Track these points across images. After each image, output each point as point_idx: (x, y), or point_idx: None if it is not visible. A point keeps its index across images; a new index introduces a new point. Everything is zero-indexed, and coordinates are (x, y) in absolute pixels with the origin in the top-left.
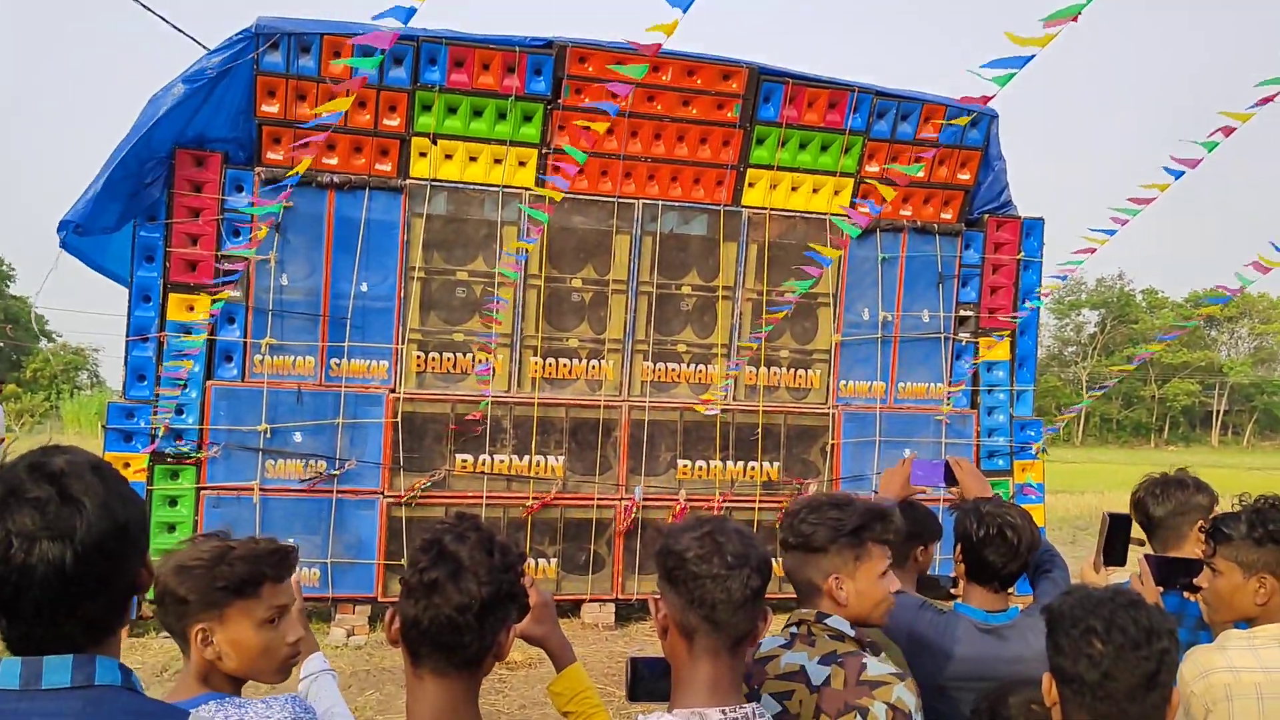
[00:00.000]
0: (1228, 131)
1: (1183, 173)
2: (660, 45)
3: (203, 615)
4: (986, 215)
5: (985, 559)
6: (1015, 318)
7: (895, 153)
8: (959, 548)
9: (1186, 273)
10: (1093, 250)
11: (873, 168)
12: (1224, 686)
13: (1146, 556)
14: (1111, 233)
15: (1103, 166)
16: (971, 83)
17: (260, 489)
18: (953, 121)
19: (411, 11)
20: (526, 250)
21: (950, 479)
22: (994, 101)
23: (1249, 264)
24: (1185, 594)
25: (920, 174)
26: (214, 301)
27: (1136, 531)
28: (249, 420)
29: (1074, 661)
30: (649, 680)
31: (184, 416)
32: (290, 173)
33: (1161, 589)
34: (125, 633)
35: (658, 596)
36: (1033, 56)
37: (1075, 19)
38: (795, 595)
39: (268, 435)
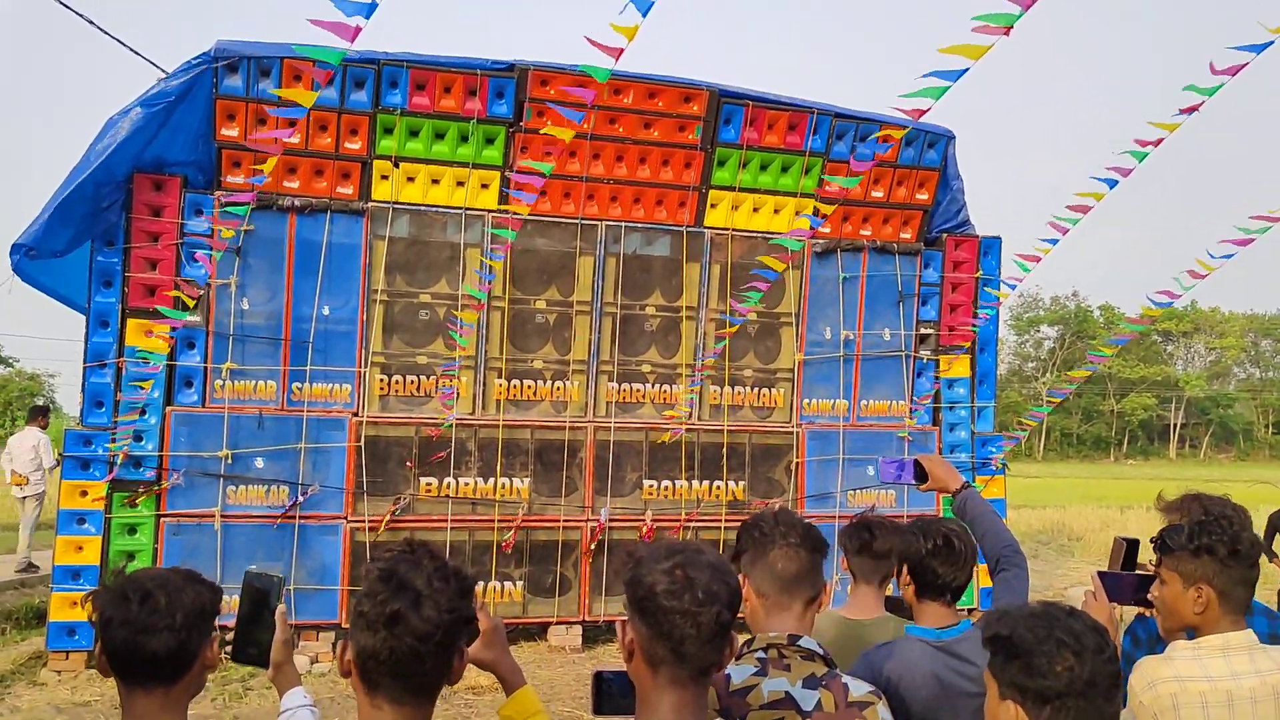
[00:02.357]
0: (1157, 142)
1: (1116, 182)
2: (623, 50)
3: None
4: (945, 234)
5: (935, 571)
6: (973, 325)
7: (855, 172)
8: (905, 568)
9: (1142, 290)
10: (1038, 259)
11: (833, 188)
12: (1170, 696)
13: (1100, 573)
14: (1054, 241)
15: (1060, 183)
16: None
17: (221, 515)
18: (888, 137)
19: (373, 6)
20: (493, 269)
21: (921, 475)
22: (949, 122)
23: (1187, 270)
24: (1141, 609)
25: (856, 188)
26: (175, 303)
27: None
28: (209, 446)
29: (1053, 679)
30: (615, 697)
31: (143, 443)
32: (258, 168)
33: (1118, 604)
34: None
35: (625, 620)
36: (966, 70)
37: (1007, 31)
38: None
39: (229, 461)
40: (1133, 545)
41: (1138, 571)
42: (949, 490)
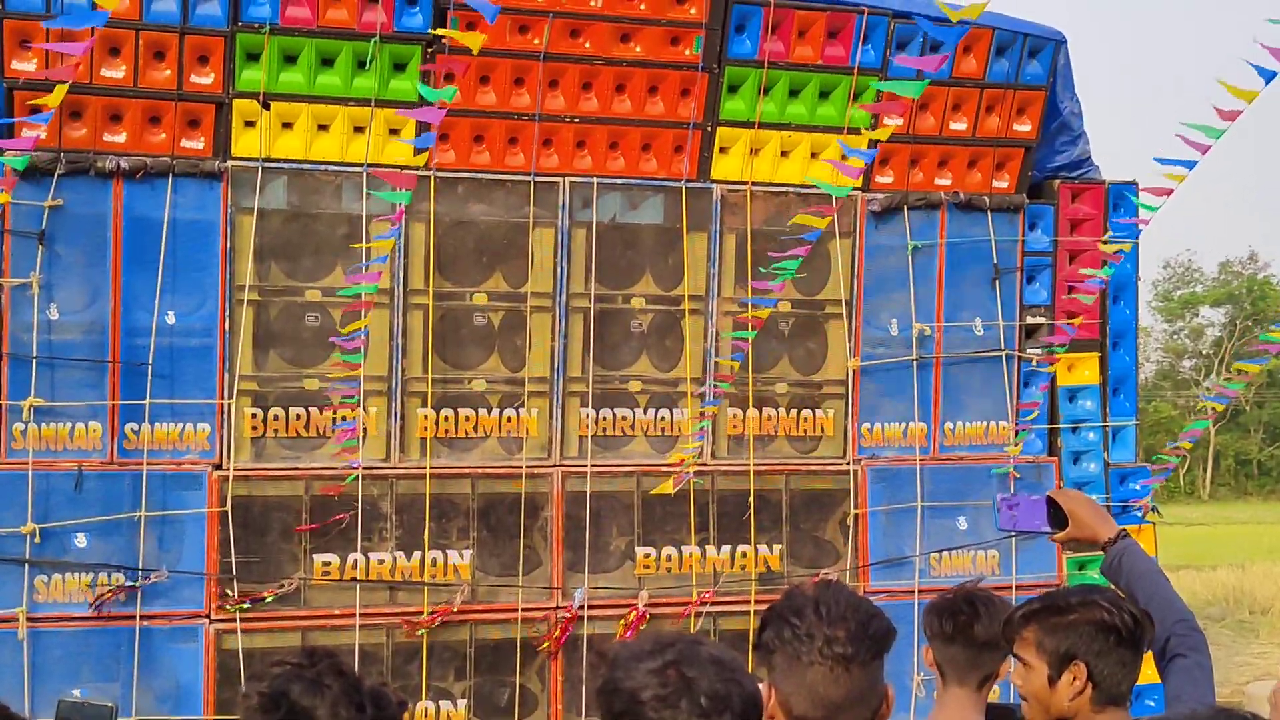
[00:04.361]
0: None
1: (1274, 74)
2: None
3: None
4: (1057, 181)
5: (1124, 668)
6: (1090, 293)
7: (925, 96)
8: (1075, 665)
9: None
10: (1169, 191)
11: (895, 120)
12: None
13: None
14: (1190, 165)
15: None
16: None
17: (28, 619)
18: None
19: None
20: (378, 250)
21: (1057, 519)
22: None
23: None
24: None
25: (919, 96)
26: None
27: None
28: (7, 519)
29: None
30: None
31: None
32: (35, 103)
33: None
34: None
35: None
36: None
37: None
38: None
39: (36, 540)
40: None
41: None
42: (1098, 540)
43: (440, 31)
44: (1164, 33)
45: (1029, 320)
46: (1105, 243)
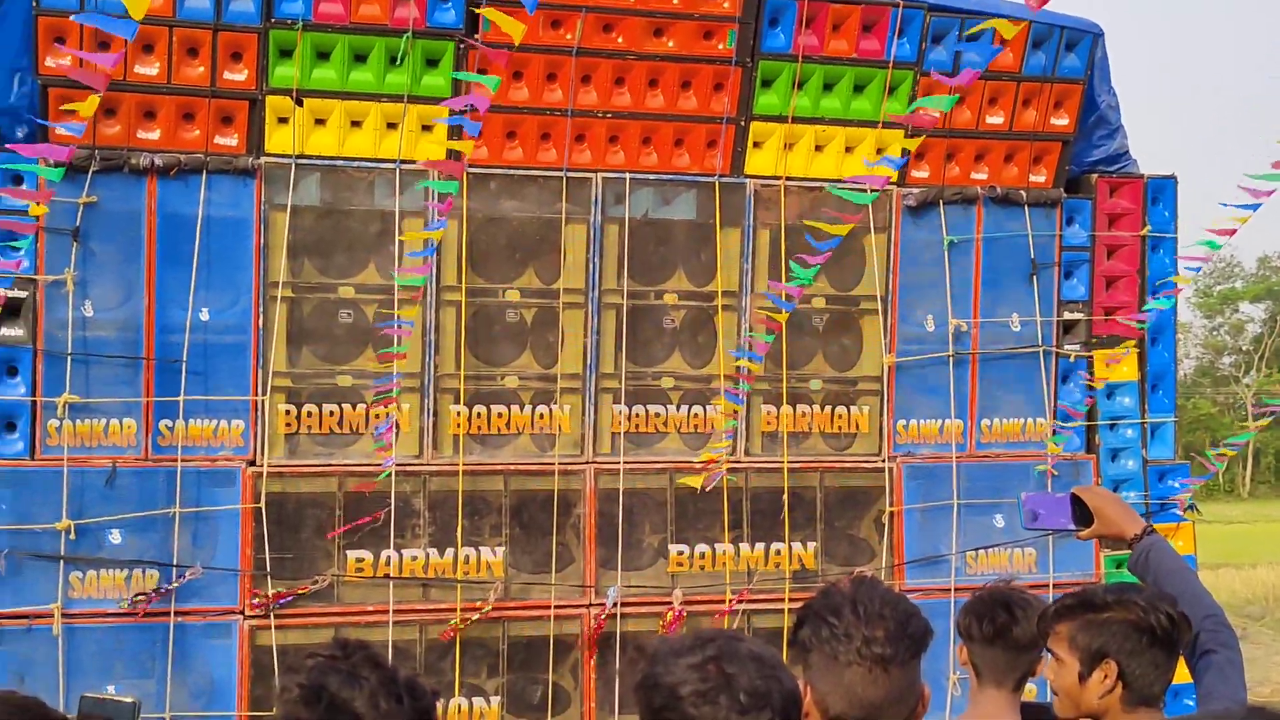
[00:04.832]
0: None
1: None
2: None
3: None
4: (1095, 175)
5: (1158, 669)
6: (1139, 321)
7: (962, 91)
8: (1105, 664)
9: None
10: (1232, 231)
11: (931, 114)
12: None
13: None
14: (1253, 208)
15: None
16: None
17: (63, 614)
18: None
19: None
20: (434, 241)
21: (1082, 517)
22: (1095, 13)
23: None
24: None
25: (962, 111)
26: None
27: None
28: (42, 516)
29: None
30: None
31: None
32: (68, 109)
33: None
34: None
35: None
36: None
37: None
38: None
39: (71, 536)
40: None
41: None
42: (1124, 537)
43: (483, 11)
44: (1201, 30)
45: (1066, 316)
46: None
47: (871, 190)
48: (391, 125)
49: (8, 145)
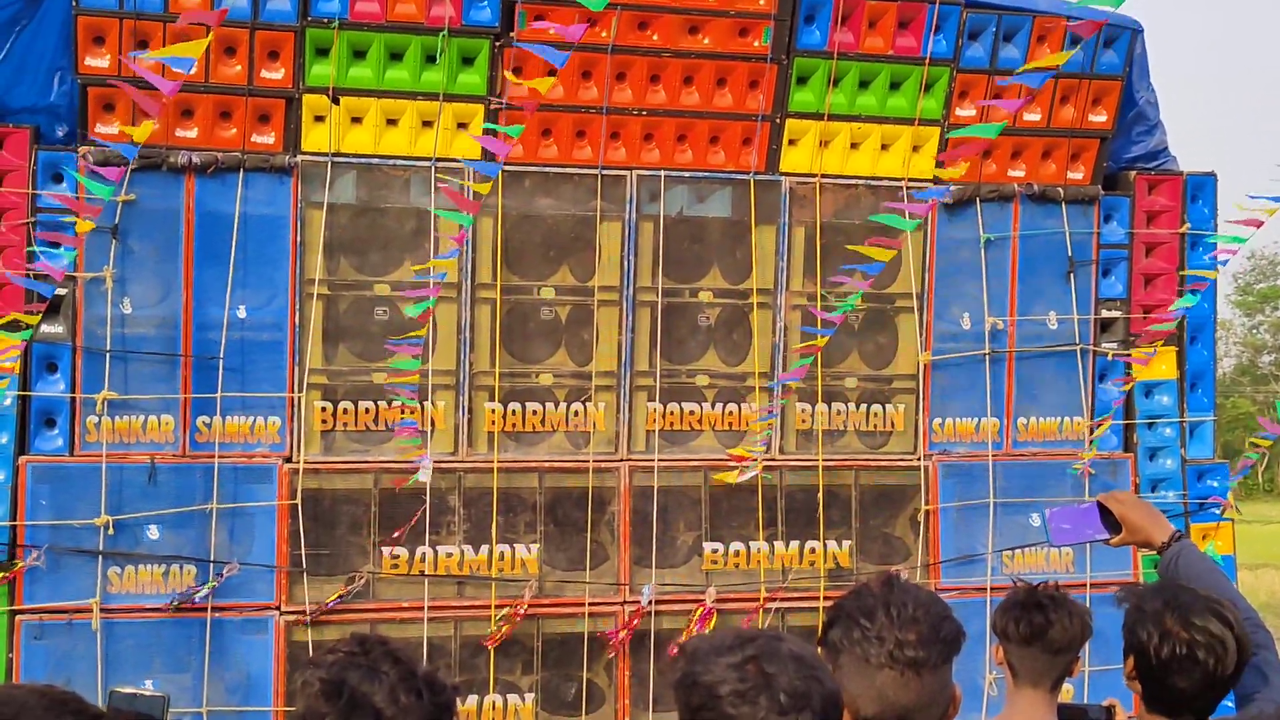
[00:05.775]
0: None
1: None
2: None
3: None
4: (1133, 172)
5: (1169, 685)
6: (1166, 320)
7: (997, 89)
8: (1132, 662)
9: None
10: (1259, 223)
11: (966, 110)
12: None
13: None
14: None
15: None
16: None
17: (101, 609)
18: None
19: None
20: (456, 243)
21: (1111, 524)
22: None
23: None
24: None
25: (998, 135)
26: (25, 329)
27: None
28: (82, 511)
29: None
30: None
31: None
32: (125, 130)
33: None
34: None
35: None
36: None
37: None
38: None
39: (110, 532)
40: None
41: None
42: (1153, 544)
43: (508, 73)
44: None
45: (1104, 314)
46: (1196, 263)
47: (912, 217)
48: (427, 123)
49: (47, 144)
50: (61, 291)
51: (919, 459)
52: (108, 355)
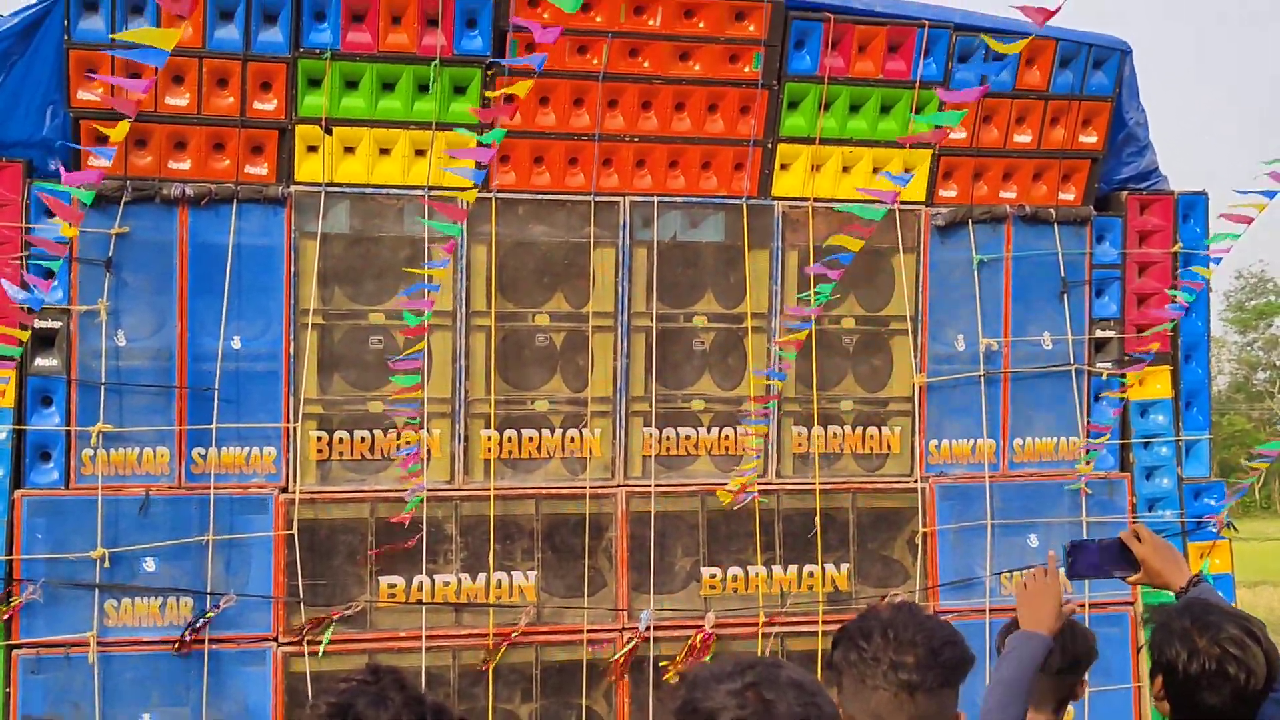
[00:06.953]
0: None
1: None
2: None
3: None
4: (1125, 192)
5: (1199, 702)
6: (1165, 321)
7: (988, 110)
8: (1160, 681)
9: None
10: (1249, 220)
11: (959, 133)
12: None
13: None
14: (1271, 194)
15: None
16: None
17: (99, 643)
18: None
19: None
20: (434, 278)
21: (1128, 561)
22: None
23: None
24: None
25: (991, 130)
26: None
27: None
28: (78, 544)
29: None
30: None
31: None
32: (103, 130)
33: None
34: None
35: None
36: None
37: None
38: None
39: (106, 565)
40: None
41: None
42: (1172, 588)
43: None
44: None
45: (1098, 334)
46: (1189, 275)
47: (881, 206)
48: (420, 152)
49: (40, 177)
50: (56, 325)
51: (916, 481)
52: (102, 388)
